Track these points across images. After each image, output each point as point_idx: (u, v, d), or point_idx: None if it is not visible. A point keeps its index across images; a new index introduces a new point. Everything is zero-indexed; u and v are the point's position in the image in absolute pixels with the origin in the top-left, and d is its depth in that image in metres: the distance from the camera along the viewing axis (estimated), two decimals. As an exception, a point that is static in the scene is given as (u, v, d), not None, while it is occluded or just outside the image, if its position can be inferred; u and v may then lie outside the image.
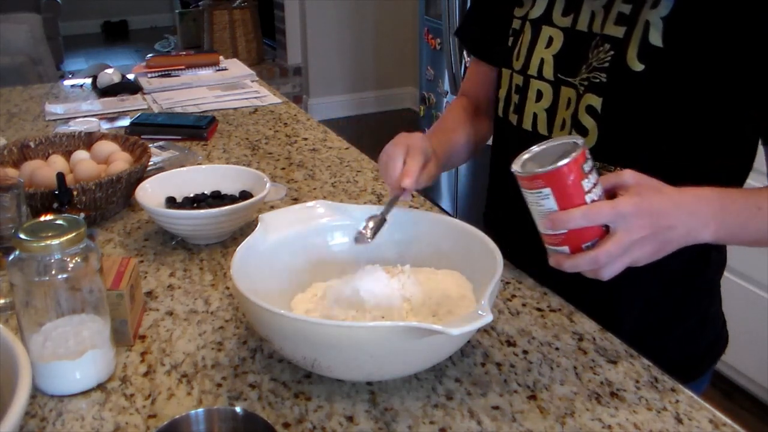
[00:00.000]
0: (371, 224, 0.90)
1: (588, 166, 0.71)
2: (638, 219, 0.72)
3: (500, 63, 1.05)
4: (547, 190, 0.70)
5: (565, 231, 0.72)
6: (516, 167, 0.73)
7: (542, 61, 0.97)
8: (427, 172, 0.94)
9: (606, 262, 0.72)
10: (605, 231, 0.72)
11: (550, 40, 0.96)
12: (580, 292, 0.94)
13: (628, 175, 0.75)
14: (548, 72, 0.97)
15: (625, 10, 0.88)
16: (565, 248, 0.73)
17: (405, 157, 0.91)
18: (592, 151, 0.88)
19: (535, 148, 0.75)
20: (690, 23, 0.83)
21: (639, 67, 0.86)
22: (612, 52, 0.88)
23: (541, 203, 0.72)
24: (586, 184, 0.70)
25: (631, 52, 0.87)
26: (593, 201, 0.71)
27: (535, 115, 0.99)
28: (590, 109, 0.91)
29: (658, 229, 0.73)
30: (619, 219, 0.71)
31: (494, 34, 1.07)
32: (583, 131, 0.92)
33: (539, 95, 0.98)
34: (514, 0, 1.03)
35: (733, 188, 0.82)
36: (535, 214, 0.74)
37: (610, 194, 0.74)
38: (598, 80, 0.90)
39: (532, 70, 0.98)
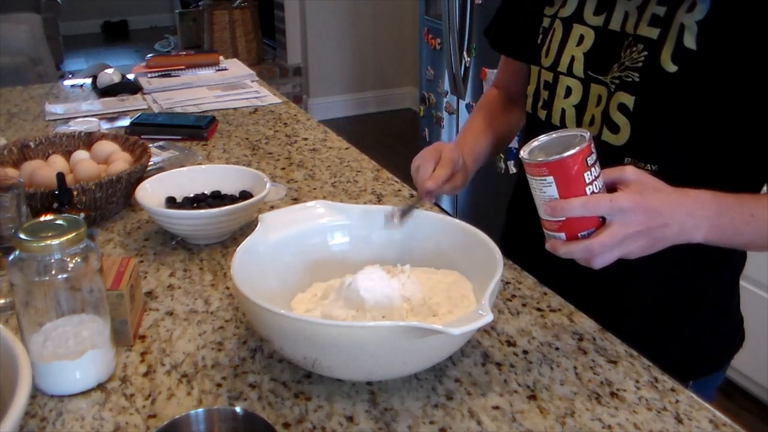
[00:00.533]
0: (398, 211, 0.94)
1: (592, 159, 0.74)
2: (634, 214, 0.74)
3: (529, 60, 1.07)
4: (550, 179, 0.74)
5: (563, 218, 0.75)
6: (524, 154, 0.77)
7: (573, 58, 0.98)
8: (452, 183, 1.00)
9: (599, 252, 0.75)
10: (602, 222, 0.75)
11: (581, 38, 0.98)
12: (597, 285, 0.95)
13: (630, 172, 0.77)
14: (578, 69, 0.98)
15: (659, 12, 0.89)
16: (562, 235, 0.76)
17: (436, 164, 0.98)
18: (625, 147, 0.93)
19: (544, 137, 0.79)
20: (725, 27, 0.84)
21: (672, 68, 0.87)
22: (645, 53, 0.89)
23: (544, 190, 0.75)
24: (588, 176, 0.74)
25: (665, 53, 0.87)
26: (593, 193, 0.74)
27: (563, 111, 1.01)
28: (622, 107, 0.92)
29: (653, 226, 0.75)
30: (616, 212, 0.74)
31: (520, 31, 1.09)
32: (614, 128, 0.93)
33: (568, 91, 1.00)
34: (545, 0, 1.05)
35: (730, 193, 0.83)
36: (537, 199, 0.77)
37: (611, 188, 0.76)
38: (630, 79, 0.91)
39: (562, 67, 1.00)
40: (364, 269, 0.84)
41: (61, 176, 1.08)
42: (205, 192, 1.18)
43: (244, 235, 0.90)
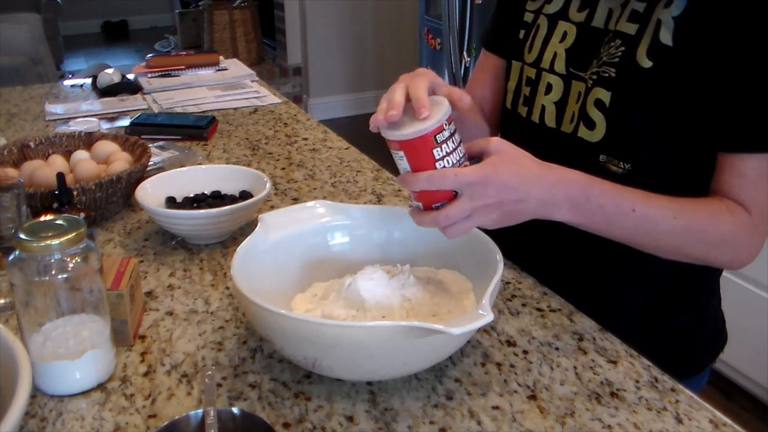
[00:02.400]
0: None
1: (443, 135, 0.77)
2: (482, 188, 0.77)
3: (510, 55, 1.06)
4: (402, 153, 0.79)
5: (417, 190, 0.79)
6: (382, 128, 0.80)
7: (555, 55, 0.98)
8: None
9: (445, 224, 0.78)
10: (454, 195, 0.78)
11: (564, 35, 0.98)
12: (580, 286, 0.97)
13: (494, 144, 0.79)
14: (560, 66, 0.98)
15: (638, 8, 0.89)
16: (420, 204, 0.81)
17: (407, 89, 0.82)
18: (600, 144, 0.93)
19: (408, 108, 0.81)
20: (700, 24, 0.84)
21: (647, 63, 0.87)
22: (623, 48, 0.89)
23: (400, 163, 0.80)
24: (438, 152, 0.77)
25: (641, 48, 0.88)
26: (444, 167, 0.77)
27: (543, 108, 1.00)
28: (599, 103, 0.92)
29: (504, 200, 0.78)
30: (464, 186, 0.77)
31: (506, 27, 1.08)
32: (590, 124, 0.93)
33: (549, 88, 0.99)
34: None
35: (618, 185, 0.84)
36: (399, 170, 0.81)
37: (479, 159, 0.79)
38: (607, 75, 0.91)
39: (545, 64, 1.00)
40: (364, 269, 0.84)
41: (61, 176, 1.08)
42: (205, 192, 1.18)
43: (244, 235, 0.90)
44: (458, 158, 0.78)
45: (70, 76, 5.29)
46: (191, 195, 1.17)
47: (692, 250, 0.87)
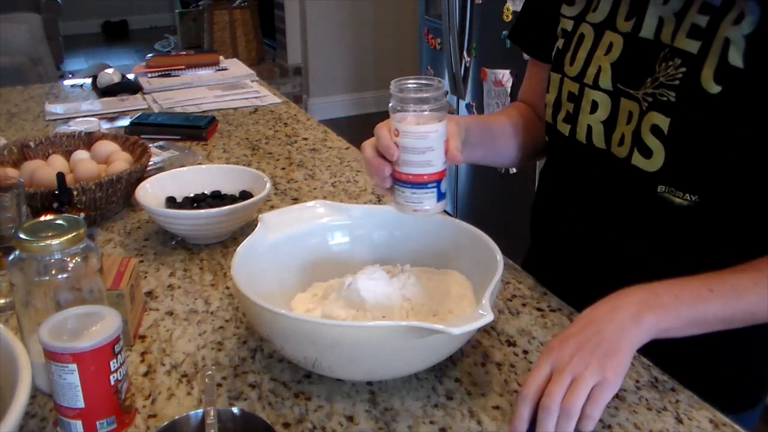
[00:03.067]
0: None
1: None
2: (559, 349, 0.71)
3: (548, 62, 0.99)
4: None
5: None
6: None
7: (600, 69, 0.89)
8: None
9: (555, 404, 0.68)
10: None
11: (610, 47, 0.88)
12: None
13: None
14: (605, 81, 0.89)
15: (700, 23, 0.79)
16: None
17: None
18: (658, 173, 0.83)
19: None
20: None
21: (715, 89, 0.77)
22: (683, 69, 0.80)
23: None
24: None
25: (706, 71, 0.78)
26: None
27: (589, 128, 0.91)
28: (655, 129, 0.82)
29: (583, 340, 0.71)
30: (545, 368, 0.70)
31: (548, 32, 1.01)
32: (646, 152, 0.84)
33: (594, 106, 0.90)
34: None
35: (682, 278, 0.77)
36: None
37: None
38: (666, 98, 0.81)
39: (588, 79, 0.91)
40: (364, 269, 0.84)
41: (61, 176, 1.08)
42: (205, 192, 1.18)
43: (244, 235, 0.90)
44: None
45: (70, 76, 5.29)
46: (191, 195, 1.17)
47: None
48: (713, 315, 0.75)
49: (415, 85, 0.79)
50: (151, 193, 1.14)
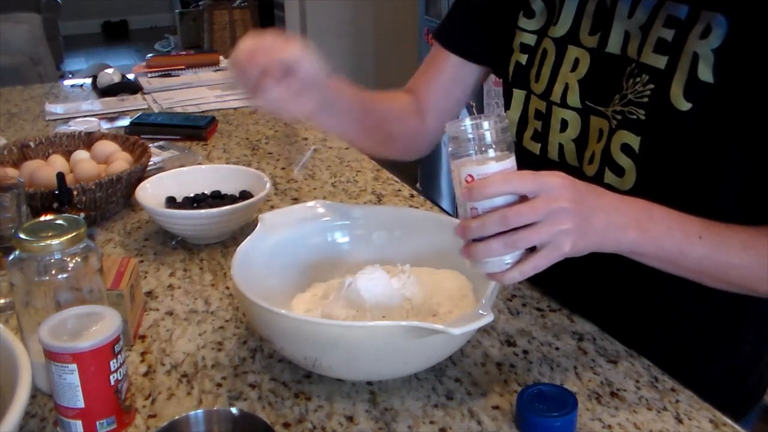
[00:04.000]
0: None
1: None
2: (560, 189, 0.66)
3: (513, 82, 0.95)
4: None
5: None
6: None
7: (567, 86, 0.87)
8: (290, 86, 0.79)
9: (515, 222, 0.64)
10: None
11: (576, 63, 0.86)
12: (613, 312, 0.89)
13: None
14: (573, 99, 0.87)
15: (666, 36, 0.77)
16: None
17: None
18: (631, 192, 0.80)
19: None
20: (746, 56, 0.72)
21: (685, 106, 0.75)
22: (651, 85, 0.78)
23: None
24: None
25: (675, 87, 0.76)
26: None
27: (561, 146, 0.90)
28: (626, 148, 0.81)
29: (577, 209, 0.66)
30: (541, 187, 0.66)
31: (482, 32, 0.98)
32: (618, 170, 0.82)
33: (564, 124, 0.88)
34: (519, 4, 0.93)
35: (678, 212, 0.74)
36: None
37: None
38: (635, 116, 0.79)
39: (555, 97, 0.88)
40: (364, 269, 0.84)
41: (61, 176, 1.08)
42: (205, 192, 1.18)
43: (244, 235, 0.90)
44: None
45: (70, 76, 5.30)
46: (191, 195, 1.17)
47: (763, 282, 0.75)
48: (692, 261, 0.74)
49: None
50: (151, 193, 1.14)
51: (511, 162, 0.69)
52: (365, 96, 0.98)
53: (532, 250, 0.67)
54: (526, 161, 0.89)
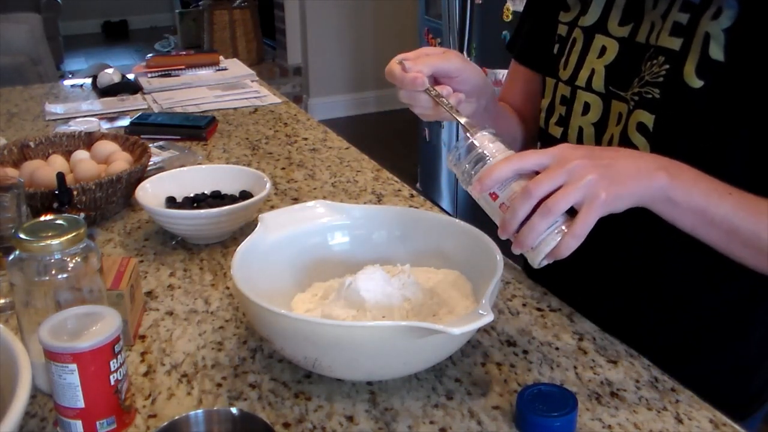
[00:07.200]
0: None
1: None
2: (570, 149, 0.68)
3: (545, 71, 0.99)
4: None
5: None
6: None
7: (593, 71, 0.90)
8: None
9: (538, 192, 0.66)
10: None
11: (603, 50, 0.90)
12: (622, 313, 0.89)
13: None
14: (598, 84, 0.90)
15: (681, 20, 0.80)
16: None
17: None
18: None
19: None
20: (755, 35, 0.75)
21: (697, 83, 0.78)
22: (667, 66, 0.81)
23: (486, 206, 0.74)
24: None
25: (688, 66, 0.79)
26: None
27: (581, 129, 0.93)
28: (641, 127, 0.83)
29: (599, 160, 0.67)
30: (548, 157, 0.68)
31: (538, 38, 1.02)
32: (632, 149, 0.83)
33: (586, 108, 0.92)
34: (559, 3, 0.97)
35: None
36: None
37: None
38: (650, 96, 0.82)
39: (581, 81, 0.92)
40: (364, 269, 0.84)
41: (61, 176, 1.08)
42: (205, 192, 1.18)
43: (244, 235, 0.90)
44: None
45: (70, 76, 5.30)
46: (191, 195, 1.17)
47: None
48: (720, 216, 0.73)
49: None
50: (151, 193, 1.14)
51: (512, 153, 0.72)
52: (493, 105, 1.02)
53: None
54: (549, 145, 0.92)
